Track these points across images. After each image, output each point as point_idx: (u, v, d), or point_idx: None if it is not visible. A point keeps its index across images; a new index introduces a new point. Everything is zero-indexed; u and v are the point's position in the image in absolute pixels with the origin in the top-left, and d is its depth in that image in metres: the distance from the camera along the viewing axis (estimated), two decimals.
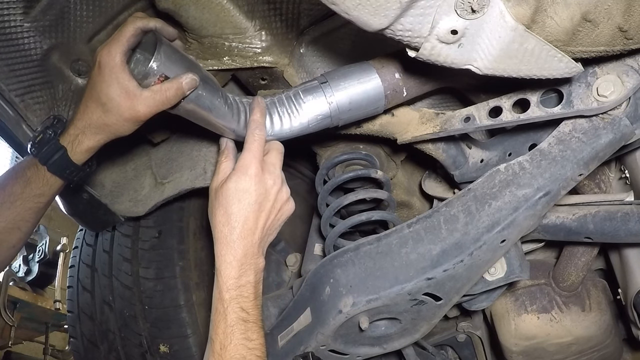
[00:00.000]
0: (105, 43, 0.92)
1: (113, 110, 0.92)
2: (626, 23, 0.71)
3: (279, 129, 1.02)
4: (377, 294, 1.06)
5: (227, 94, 1.02)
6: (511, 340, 1.46)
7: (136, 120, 0.95)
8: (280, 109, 1.02)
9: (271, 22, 1.14)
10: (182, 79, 0.92)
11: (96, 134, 0.98)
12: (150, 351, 1.48)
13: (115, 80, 0.90)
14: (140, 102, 0.91)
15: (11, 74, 1.15)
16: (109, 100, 0.91)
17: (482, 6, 0.67)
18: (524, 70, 0.76)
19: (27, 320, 4.15)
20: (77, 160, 1.01)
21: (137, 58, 0.95)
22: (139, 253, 1.54)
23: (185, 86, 0.92)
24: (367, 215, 1.27)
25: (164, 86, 0.91)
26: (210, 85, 0.99)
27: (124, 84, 0.90)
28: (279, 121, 1.02)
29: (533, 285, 1.46)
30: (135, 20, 0.93)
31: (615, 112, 0.94)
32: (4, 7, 1.10)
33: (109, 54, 0.90)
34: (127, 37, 0.91)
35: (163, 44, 0.93)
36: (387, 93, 1.00)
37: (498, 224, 1.00)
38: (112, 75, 0.90)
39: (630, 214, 1.08)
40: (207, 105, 0.98)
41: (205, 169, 1.31)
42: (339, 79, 1.00)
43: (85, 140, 0.99)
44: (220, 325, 0.91)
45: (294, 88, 1.03)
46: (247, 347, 0.90)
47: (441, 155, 1.23)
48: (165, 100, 0.92)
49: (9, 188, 1.04)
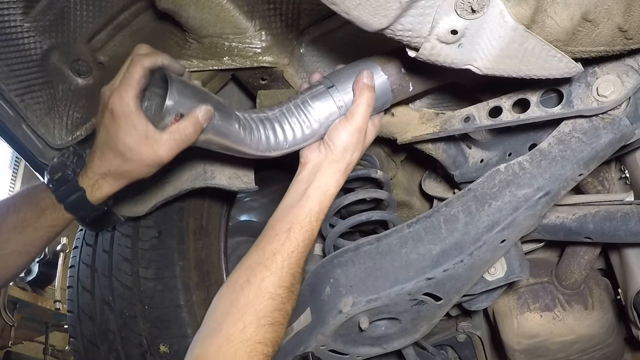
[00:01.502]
0: (114, 89, 0.88)
1: (134, 158, 0.90)
2: (626, 23, 0.71)
3: (292, 140, 1.00)
4: (377, 294, 1.06)
5: (238, 115, 0.98)
6: (514, 338, 1.46)
7: (159, 165, 0.93)
8: (290, 120, 0.99)
9: (271, 22, 1.14)
10: (197, 113, 0.88)
11: (117, 180, 0.96)
12: (150, 351, 1.48)
13: (132, 128, 0.87)
14: (161, 147, 0.88)
15: (11, 74, 1.15)
16: (128, 149, 0.88)
17: (482, 6, 0.67)
18: (524, 70, 0.76)
19: (27, 320, 4.16)
20: (94, 202, 0.99)
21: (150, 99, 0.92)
22: (139, 253, 1.53)
23: (202, 119, 0.89)
24: (367, 215, 1.27)
25: (181, 125, 0.88)
26: (222, 110, 0.95)
27: (141, 131, 0.87)
28: (291, 132, 1.00)
29: (536, 284, 1.46)
30: (142, 59, 0.88)
31: (615, 112, 0.94)
32: (4, 7, 1.10)
33: (121, 100, 0.86)
34: (137, 79, 0.87)
35: (174, 81, 0.88)
36: (393, 88, 0.99)
37: (498, 224, 1.00)
38: (128, 123, 0.87)
39: (630, 214, 1.08)
40: (222, 132, 0.95)
41: (205, 169, 1.31)
42: (345, 81, 0.98)
43: (106, 185, 0.97)
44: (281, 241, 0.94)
45: (301, 96, 1.01)
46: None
47: (441, 155, 1.23)
48: (186, 139, 0.89)
49: (22, 214, 1.03)
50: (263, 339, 0.87)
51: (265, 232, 0.97)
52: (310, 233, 0.96)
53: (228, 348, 0.84)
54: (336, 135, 0.97)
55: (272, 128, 1.00)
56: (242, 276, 0.92)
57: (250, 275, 0.91)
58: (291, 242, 0.94)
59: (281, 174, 1.86)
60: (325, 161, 0.98)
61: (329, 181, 0.98)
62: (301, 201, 0.97)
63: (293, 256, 0.94)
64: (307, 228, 0.95)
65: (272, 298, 0.90)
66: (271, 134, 1.00)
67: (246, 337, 0.85)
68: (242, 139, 0.98)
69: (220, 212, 1.70)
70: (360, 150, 0.99)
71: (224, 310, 0.90)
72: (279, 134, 1.00)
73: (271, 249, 0.93)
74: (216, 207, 1.68)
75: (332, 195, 0.99)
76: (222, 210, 1.70)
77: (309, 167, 1.00)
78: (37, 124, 1.21)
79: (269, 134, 1.00)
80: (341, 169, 0.98)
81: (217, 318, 0.89)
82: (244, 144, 0.98)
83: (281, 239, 0.94)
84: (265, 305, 0.89)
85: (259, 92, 1.23)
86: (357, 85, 0.95)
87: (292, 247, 0.94)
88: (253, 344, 0.85)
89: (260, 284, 0.90)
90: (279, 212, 0.98)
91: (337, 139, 0.97)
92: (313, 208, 0.96)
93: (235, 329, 0.86)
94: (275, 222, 0.97)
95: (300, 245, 0.95)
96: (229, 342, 0.85)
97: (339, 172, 0.98)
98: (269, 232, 0.96)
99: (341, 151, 0.97)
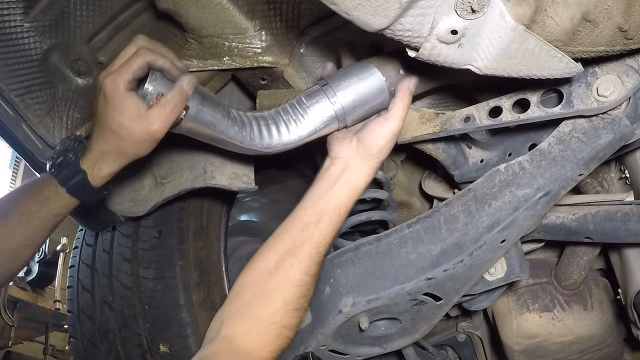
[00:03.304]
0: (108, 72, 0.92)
1: (128, 137, 0.94)
2: (626, 23, 0.71)
3: (287, 138, 1.01)
4: (377, 294, 1.07)
5: (229, 109, 1.01)
6: (513, 339, 1.46)
7: (153, 140, 0.96)
8: (285, 117, 1.01)
9: (271, 22, 1.14)
10: (181, 83, 0.93)
11: (115, 160, 1.00)
12: (150, 351, 1.48)
13: (124, 108, 0.92)
14: (153, 122, 0.92)
15: (11, 74, 1.14)
16: (122, 127, 0.93)
17: (482, 6, 0.67)
18: (524, 70, 0.76)
19: (27, 320, 4.16)
20: (96, 184, 1.04)
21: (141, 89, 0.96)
22: (139, 253, 1.53)
23: (187, 87, 0.93)
24: (367, 215, 1.27)
25: (167, 96, 0.92)
26: (210, 100, 0.99)
27: (133, 109, 0.92)
28: (285, 130, 1.01)
29: (535, 284, 1.46)
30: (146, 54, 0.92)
31: (615, 112, 0.94)
32: (4, 7, 1.10)
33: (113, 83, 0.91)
34: (134, 69, 0.91)
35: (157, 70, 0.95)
36: (391, 89, 1.00)
37: (498, 224, 1.00)
38: (120, 103, 0.91)
39: (630, 214, 1.08)
40: (208, 120, 0.98)
41: (205, 169, 1.31)
42: (340, 79, 1.00)
43: (105, 166, 1.01)
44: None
45: (296, 96, 1.02)
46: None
47: (441, 155, 1.23)
48: (174, 108, 0.93)
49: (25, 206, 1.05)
50: (289, 323, 0.92)
51: (293, 220, 0.99)
52: (338, 225, 0.99)
53: (256, 330, 0.90)
54: (374, 134, 0.98)
55: (265, 124, 1.01)
56: (270, 261, 0.96)
57: (279, 262, 0.95)
58: (320, 232, 0.96)
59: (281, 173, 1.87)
60: (357, 157, 1.00)
61: (360, 177, 1.00)
62: (331, 193, 0.99)
63: (321, 246, 0.97)
64: (336, 220, 0.98)
65: (299, 285, 0.94)
66: (265, 129, 1.01)
67: (273, 321, 0.90)
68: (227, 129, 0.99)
69: (220, 212, 1.70)
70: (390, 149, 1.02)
71: (252, 293, 0.93)
72: (272, 130, 1.01)
73: (301, 238, 0.96)
74: (216, 207, 1.68)
75: (362, 189, 1.01)
76: (222, 210, 1.70)
77: (338, 162, 1.01)
78: (37, 124, 1.21)
79: (262, 130, 1.01)
80: (373, 166, 1.00)
81: (245, 300, 0.93)
82: (232, 135, 1.00)
83: (310, 228, 0.96)
84: (292, 292, 0.93)
85: (259, 92, 1.23)
86: (402, 87, 0.98)
87: (321, 238, 0.97)
88: (279, 328, 0.90)
89: (289, 271, 0.94)
90: (307, 201, 1.00)
91: (375, 138, 0.98)
92: (343, 201, 0.99)
93: (263, 313, 0.91)
94: (304, 212, 0.99)
95: (328, 236, 0.98)
96: (257, 325, 0.90)
97: (371, 169, 1.00)
98: (298, 221, 0.98)
99: (377, 150, 0.98)
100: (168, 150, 1.41)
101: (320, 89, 1.00)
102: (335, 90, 0.99)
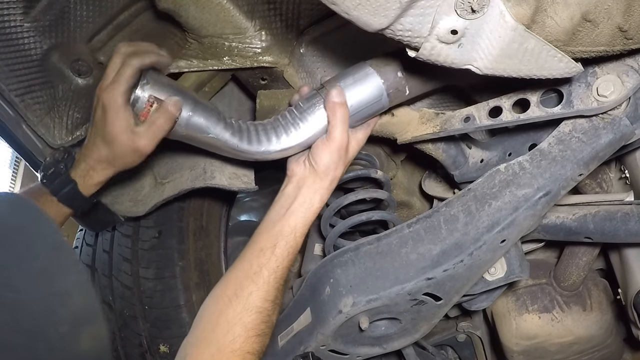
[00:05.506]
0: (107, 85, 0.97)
1: (118, 148, 1.00)
2: (626, 23, 0.71)
3: (286, 144, 1.02)
4: (377, 294, 1.06)
5: (224, 115, 1.03)
6: (512, 339, 1.46)
7: (141, 154, 1.02)
8: (284, 123, 1.02)
9: (271, 22, 1.14)
10: (167, 103, 0.97)
11: (105, 169, 1.06)
12: (150, 351, 1.48)
13: (118, 120, 0.97)
14: (140, 138, 0.98)
15: (11, 74, 1.15)
16: (113, 138, 0.98)
17: (482, 6, 0.67)
18: (524, 70, 0.76)
19: None
20: (86, 193, 1.09)
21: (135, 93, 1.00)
22: (139, 253, 1.54)
23: (172, 108, 0.97)
24: (367, 215, 1.27)
25: (153, 117, 0.97)
26: (203, 107, 1.01)
27: (125, 123, 0.97)
28: (284, 136, 1.01)
29: (534, 285, 1.46)
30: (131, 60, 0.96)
31: (615, 112, 0.93)
32: (4, 7, 1.10)
33: (110, 96, 0.96)
34: (126, 78, 0.96)
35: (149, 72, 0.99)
36: (389, 92, 0.99)
37: (498, 224, 1.00)
38: (115, 115, 0.96)
39: (630, 214, 1.08)
40: (202, 127, 1.00)
41: (205, 169, 1.31)
42: (337, 83, 0.99)
43: (95, 175, 1.06)
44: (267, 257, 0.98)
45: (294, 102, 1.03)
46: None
47: (441, 155, 1.23)
48: (160, 127, 0.97)
49: None
50: (251, 349, 0.92)
51: (250, 246, 1.01)
52: (294, 248, 1.01)
53: (219, 357, 0.90)
54: (318, 155, 1.00)
55: (264, 130, 1.03)
56: (229, 288, 0.97)
57: (237, 289, 0.96)
58: (277, 257, 0.98)
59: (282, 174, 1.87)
60: (310, 177, 1.02)
61: (313, 197, 1.01)
62: (286, 216, 1.00)
63: (279, 270, 0.98)
64: (291, 244, 1.00)
65: (259, 312, 0.94)
66: (263, 135, 1.02)
67: (236, 348, 0.91)
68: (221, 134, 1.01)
69: (220, 212, 1.70)
70: (343, 166, 1.03)
71: (212, 321, 0.94)
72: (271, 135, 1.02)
73: (258, 263, 0.97)
74: (216, 207, 1.68)
75: (317, 210, 1.03)
76: (222, 210, 1.70)
77: (294, 181, 1.04)
78: (37, 124, 1.21)
79: (260, 135, 1.02)
80: (325, 185, 1.02)
81: (206, 327, 0.94)
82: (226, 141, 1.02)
83: (267, 254, 0.98)
84: (253, 318, 0.94)
85: (259, 92, 1.23)
86: (328, 105, 0.98)
87: (278, 262, 0.98)
88: (242, 354, 0.91)
89: (248, 298, 0.95)
90: (264, 225, 1.02)
91: (319, 159, 1.00)
92: (298, 224, 1.00)
93: (225, 340, 0.91)
94: (261, 237, 1.01)
95: (285, 259, 0.99)
96: (219, 352, 0.91)
97: (323, 189, 1.02)
98: (254, 247, 1.00)
99: (324, 170, 1.00)
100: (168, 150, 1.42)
101: (318, 94, 1.00)
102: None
